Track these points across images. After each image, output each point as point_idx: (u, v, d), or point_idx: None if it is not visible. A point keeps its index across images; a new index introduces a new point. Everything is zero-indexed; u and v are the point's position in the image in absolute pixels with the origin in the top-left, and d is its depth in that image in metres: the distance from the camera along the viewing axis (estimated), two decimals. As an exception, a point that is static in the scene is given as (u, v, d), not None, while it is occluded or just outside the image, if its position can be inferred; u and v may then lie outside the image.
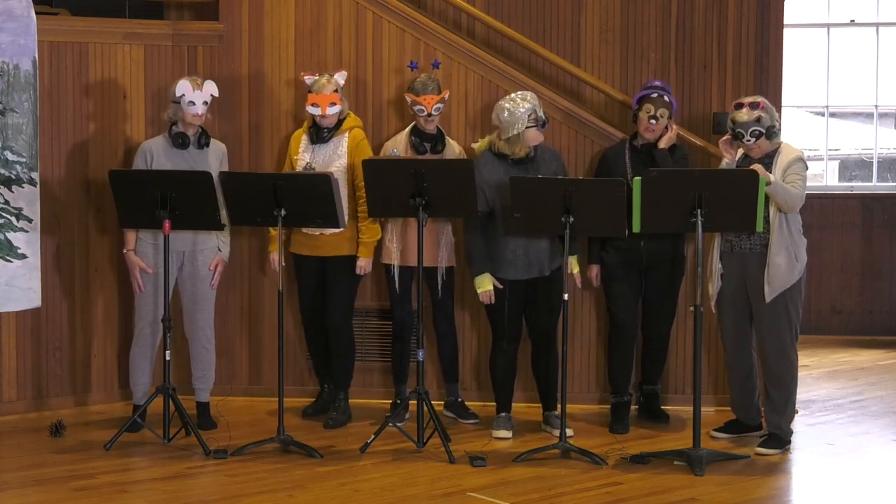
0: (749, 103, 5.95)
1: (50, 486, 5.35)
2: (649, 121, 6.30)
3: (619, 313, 6.49)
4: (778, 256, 5.88)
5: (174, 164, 6.16)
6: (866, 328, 9.75)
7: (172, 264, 6.18)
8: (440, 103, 6.39)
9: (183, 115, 6.16)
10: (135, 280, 6.25)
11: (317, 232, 6.29)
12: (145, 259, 6.21)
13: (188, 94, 6.13)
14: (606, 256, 6.46)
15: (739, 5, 7.08)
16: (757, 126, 5.91)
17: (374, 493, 5.28)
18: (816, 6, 10.26)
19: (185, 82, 6.15)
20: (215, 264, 6.32)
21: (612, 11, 7.23)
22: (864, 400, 7.38)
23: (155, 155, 6.22)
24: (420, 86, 6.40)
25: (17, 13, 5.99)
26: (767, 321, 5.98)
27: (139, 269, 6.21)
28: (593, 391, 6.92)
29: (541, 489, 5.35)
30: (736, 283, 6.06)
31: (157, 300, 6.23)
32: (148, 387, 6.32)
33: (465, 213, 6.12)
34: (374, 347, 6.97)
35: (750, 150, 5.98)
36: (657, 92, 6.33)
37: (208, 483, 5.44)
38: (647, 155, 6.34)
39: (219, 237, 6.33)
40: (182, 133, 6.21)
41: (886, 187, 10.22)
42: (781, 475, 5.73)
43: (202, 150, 6.25)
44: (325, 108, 6.22)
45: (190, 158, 6.20)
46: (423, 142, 6.44)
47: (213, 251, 6.32)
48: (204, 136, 6.26)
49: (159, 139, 6.31)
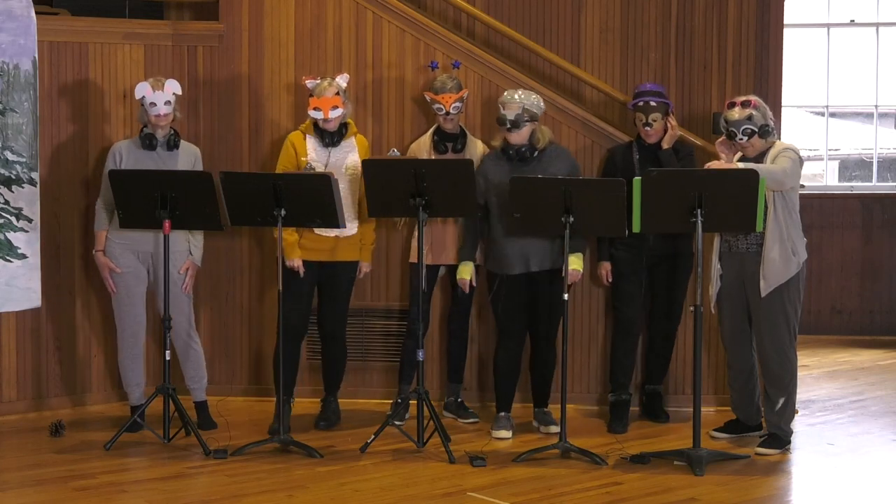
0: (741, 102, 5.96)
1: (50, 486, 5.35)
2: (644, 127, 6.35)
3: (624, 311, 6.51)
4: (772, 251, 5.88)
5: (142, 165, 6.13)
6: (866, 328, 9.75)
7: (139, 264, 6.20)
8: (459, 102, 6.41)
9: (148, 116, 6.15)
10: (106, 281, 6.24)
11: (332, 234, 6.22)
12: (113, 260, 6.20)
13: (148, 95, 6.11)
14: (616, 253, 6.47)
15: (739, 5, 7.09)
16: (749, 124, 5.91)
17: (374, 493, 5.28)
18: (816, 6, 10.26)
19: (144, 84, 6.13)
20: (185, 268, 6.27)
21: (612, 11, 7.23)
22: (864, 400, 7.38)
23: (123, 156, 6.19)
24: (439, 85, 6.42)
25: (17, 13, 5.99)
26: (765, 321, 5.97)
27: (108, 270, 6.21)
28: (593, 391, 6.92)
29: (541, 489, 5.35)
30: (734, 283, 6.06)
31: (132, 300, 6.22)
32: (143, 387, 6.31)
33: (465, 213, 6.13)
34: (377, 348, 6.97)
35: (744, 148, 5.98)
36: (643, 100, 6.38)
37: (208, 483, 5.44)
38: (654, 154, 6.37)
39: (190, 240, 6.28)
40: (150, 134, 6.18)
41: (886, 187, 10.22)
42: (781, 475, 5.73)
43: (171, 152, 6.22)
44: (327, 112, 6.18)
45: (159, 160, 6.18)
46: (444, 141, 6.45)
47: (183, 254, 6.25)
48: (175, 138, 6.23)
49: (128, 141, 6.29)
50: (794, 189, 5.95)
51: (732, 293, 6.08)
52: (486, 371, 6.79)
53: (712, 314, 6.20)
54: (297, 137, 6.32)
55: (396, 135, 6.90)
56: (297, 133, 6.34)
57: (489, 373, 6.64)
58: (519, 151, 6.12)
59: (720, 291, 6.11)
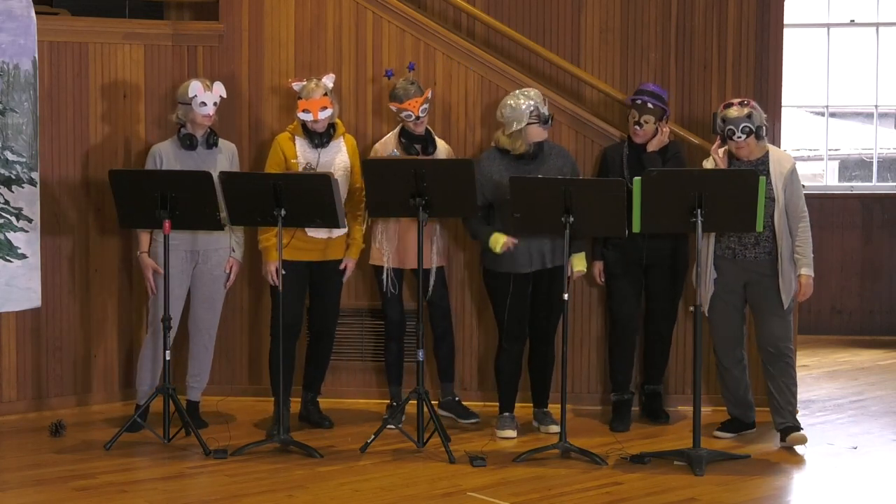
0: (738, 101, 5.99)
1: (50, 486, 5.35)
2: (634, 126, 6.36)
3: (619, 311, 6.51)
4: (785, 264, 5.96)
5: (184, 165, 6.16)
6: (866, 328, 9.75)
7: (187, 263, 6.21)
8: (426, 104, 6.38)
9: (194, 115, 6.16)
10: (148, 282, 6.25)
11: (324, 235, 6.24)
12: (158, 260, 6.20)
13: (200, 94, 6.14)
14: (608, 253, 6.47)
15: (739, 5, 7.08)
16: (748, 122, 5.93)
17: (374, 493, 5.28)
18: (816, 6, 10.25)
19: (198, 83, 6.16)
20: (230, 266, 6.34)
21: (612, 11, 7.23)
22: (864, 400, 7.38)
23: (165, 158, 6.21)
24: (402, 92, 6.36)
25: (17, 13, 5.99)
26: (775, 327, 6.02)
27: (152, 271, 6.22)
28: (594, 390, 6.92)
29: (541, 489, 5.35)
30: (734, 289, 6.08)
31: (173, 301, 6.21)
32: (152, 387, 6.32)
33: (465, 213, 6.13)
34: (371, 348, 6.97)
35: (739, 148, 5.98)
36: (641, 99, 6.38)
37: (208, 483, 5.44)
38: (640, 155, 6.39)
39: (233, 238, 6.34)
40: (190, 134, 6.21)
41: (886, 187, 10.22)
42: (781, 475, 5.73)
43: (211, 150, 6.26)
44: (316, 114, 6.16)
45: (199, 159, 6.20)
46: (412, 143, 6.42)
47: (227, 251, 6.33)
48: (213, 136, 6.27)
49: (168, 142, 6.30)
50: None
51: (728, 297, 6.10)
52: (487, 371, 6.78)
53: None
54: (284, 139, 6.30)
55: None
56: (286, 135, 6.33)
57: (489, 373, 6.64)
58: (534, 149, 6.15)
59: (715, 296, 6.11)
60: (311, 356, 6.46)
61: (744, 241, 6.01)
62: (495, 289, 6.25)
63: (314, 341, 6.44)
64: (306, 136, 6.25)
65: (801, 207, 6.02)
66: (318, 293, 6.37)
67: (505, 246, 6.08)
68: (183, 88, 6.22)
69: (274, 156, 6.30)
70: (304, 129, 6.25)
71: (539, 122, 6.10)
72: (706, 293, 6.08)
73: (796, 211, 6.00)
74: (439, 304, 6.57)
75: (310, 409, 6.45)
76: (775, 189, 5.95)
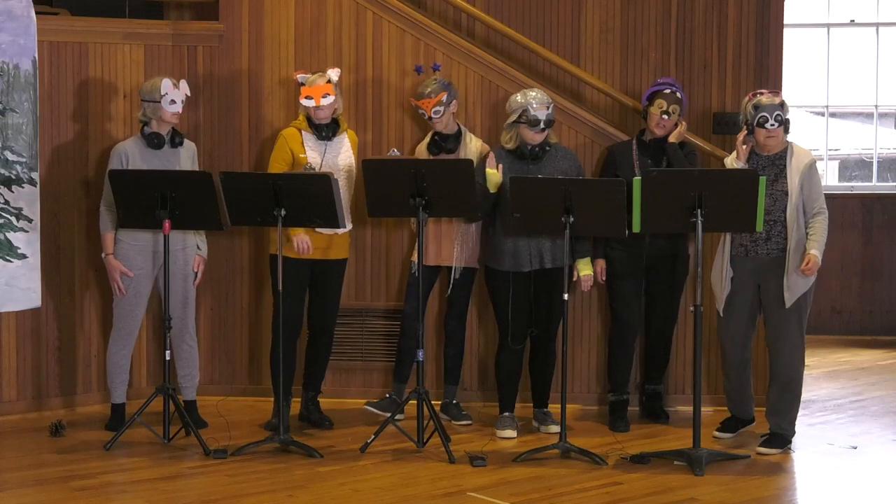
0: (769, 91, 5.98)
1: (50, 486, 5.35)
2: (661, 116, 6.32)
3: (621, 310, 6.50)
4: (793, 258, 5.91)
5: (150, 164, 6.15)
6: (866, 328, 9.75)
7: (151, 263, 6.22)
8: (439, 105, 6.38)
9: (162, 113, 6.15)
10: (115, 283, 6.23)
11: (329, 232, 6.23)
12: (126, 262, 6.20)
13: (170, 92, 6.14)
14: (611, 253, 6.46)
15: (739, 5, 7.08)
16: (780, 111, 5.91)
17: (374, 493, 5.28)
18: (816, 6, 10.26)
19: (168, 81, 6.16)
20: (197, 264, 6.35)
21: (612, 11, 7.23)
22: (864, 400, 7.38)
23: (131, 157, 6.18)
24: (421, 90, 6.43)
25: (17, 13, 5.99)
26: (784, 327, 5.98)
27: (119, 273, 6.21)
28: (594, 390, 6.92)
29: (541, 489, 5.35)
30: (748, 287, 6.04)
31: (138, 301, 6.24)
32: (126, 385, 6.34)
33: (465, 213, 6.13)
34: (378, 348, 6.97)
35: (769, 137, 5.92)
36: (669, 87, 6.37)
37: (208, 483, 5.44)
38: (656, 150, 6.37)
39: (197, 236, 6.34)
40: (157, 133, 6.19)
41: (886, 187, 10.22)
42: (782, 475, 5.73)
43: (175, 149, 6.25)
44: (318, 99, 6.17)
45: (164, 158, 6.19)
46: (438, 142, 6.46)
47: (193, 250, 6.34)
48: (178, 136, 6.26)
49: (132, 140, 6.27)
50: None
51: (742, 296, 6.06)
52: (487, 371, 6.79)
53: (711, 315, 6.21)
54: (291, 133, 6.30)
55: (396, 134, 6.90)
56: (292, 129, 6.32)
57: (489, 373, 6.64)
58: (533, 150, 6.14)
59: (730, 295, 6.08)
60: (310, 355, 6.46)
61: (755, 236, 5.96)
62: (496, 288, 6.26)
63: (313, 340, 6.45)
64: (312, 129, 6.25)
65: (819, 203, 5.98)
66: (319, 292, 6.37)
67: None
68: (150, 86, 6.19)
69: (280, 151, 6.28)
70: (310, 122, 6.25)
71: (528, 125, 6.10)
72: (722, 293, 6.06)
73: (813, 206, 5.96)
74: (454, 304, 6.56)
75: (310, 409, 6.46)
76: (790, 183, 5.92)
